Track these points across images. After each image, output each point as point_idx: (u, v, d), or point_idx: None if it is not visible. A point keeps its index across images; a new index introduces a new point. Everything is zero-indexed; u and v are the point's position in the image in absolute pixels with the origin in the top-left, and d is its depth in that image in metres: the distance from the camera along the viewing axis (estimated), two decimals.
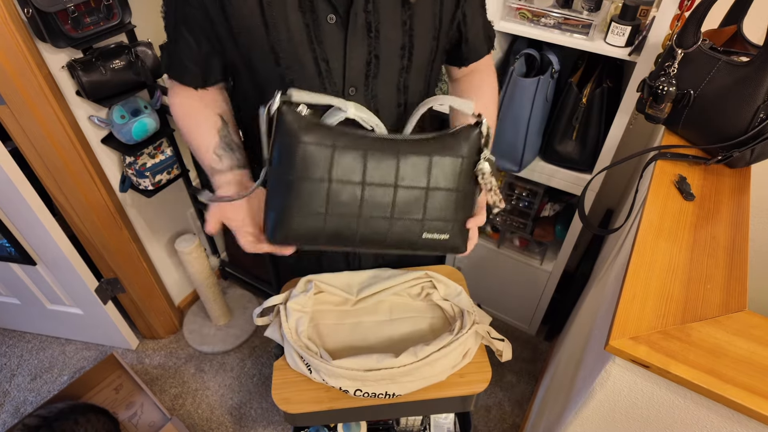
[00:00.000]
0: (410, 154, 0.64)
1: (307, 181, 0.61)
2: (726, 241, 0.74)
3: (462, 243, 0.70)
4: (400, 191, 0.64)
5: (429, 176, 0.64)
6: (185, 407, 1.77)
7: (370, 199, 0.63)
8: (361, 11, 0.68)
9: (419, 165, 0.64)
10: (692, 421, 0.66)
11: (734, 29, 0.95)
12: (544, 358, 1.89)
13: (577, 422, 0.80)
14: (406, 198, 0.64)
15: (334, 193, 0.62)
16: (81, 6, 1.15)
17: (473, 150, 0.66)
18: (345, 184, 0.62)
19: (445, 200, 0.66)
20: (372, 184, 0.63)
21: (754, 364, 0.59)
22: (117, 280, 1.73)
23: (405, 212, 0.65)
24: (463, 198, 0.67)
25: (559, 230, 1.63)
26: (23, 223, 1.49)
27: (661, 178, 0.86)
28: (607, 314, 0.77)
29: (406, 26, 0.71)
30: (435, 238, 0.67)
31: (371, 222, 0.64)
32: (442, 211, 0.66)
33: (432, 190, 0.65)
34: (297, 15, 0.67)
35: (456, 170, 0.65)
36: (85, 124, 1.38)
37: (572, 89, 1.29)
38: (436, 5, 0.73)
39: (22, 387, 1.84)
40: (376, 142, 0.63)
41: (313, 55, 0.70)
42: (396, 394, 0.80)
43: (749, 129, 0.82)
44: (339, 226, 0.64)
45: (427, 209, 0.65)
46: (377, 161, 0.63)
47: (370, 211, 0.63)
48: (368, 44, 0.70)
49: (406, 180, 0.64)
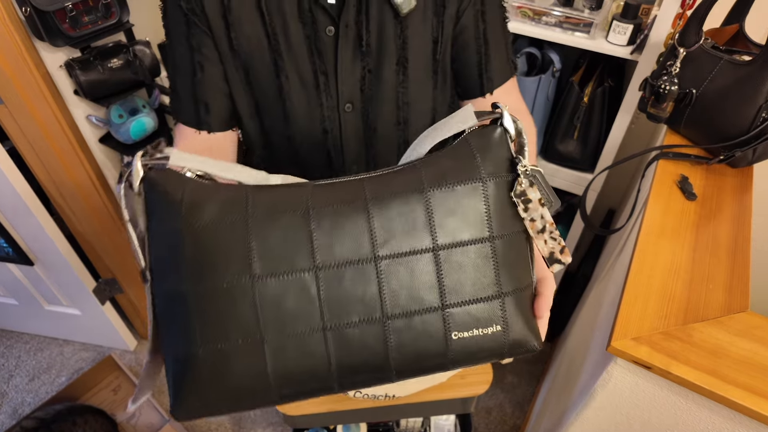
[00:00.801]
0: (388, 198, 0.37)
1: (211, 291, 0.35)
2: (728, 241, 0.73)
3: (530, 330, 0.40)
4: (387, 266, 0.36)
5: (432, 227, 0.37)
6: None
7: (336, 293, 0.36)
8: (352, 24, 0.66)
9: (410, 212, 0.37)
10: (694, 422, 0.66)
11: (736, 28, 0.95)
12: (546, 359, 1.88)
13: (579, 423, 0.80)
14: (401, 276, 0.37)
15: (267, 298, 0.35)
16: (79, 5, 1.15)
17: (501, 163, 0.39)
18: (283, 276, 0.35)
19: (474, 263, 0.37)
20: (332, 266, 0.36)
21: (755, 365, 0.58)
22: (115, 280, 1.72)
23: (407, 303, 0.37)
24: (507, 250, 0.38)
25: (561, 230, 1.62)
26: (21, 223, 1.48)
27: (663, 178, 0.85)
28: (609, 315, 0.76)
29: (399, 39, 0.68)
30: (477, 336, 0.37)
31: (350, 334, 0.36)
32: (474, 285, 0.37)
33: (445, 249, 0.37)
34: (297, 26, 0.66)
35: (479, 205, 0.38)
36: (83, 124, 1.37)
37: (573, 88, 1.29)
38: (435, 17, 0.69)
39: (20, 388, 1.83)
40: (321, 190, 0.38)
41: (312, 67, 0.68)
42: (395, 396, 0.80)
43: (751, 128, 0.81)
44: (294, 358, 0.36)
45: (445, 287, 0.37)
46: (332, 223, 0.36)
47: (343, 315, 0.36)
48: (361, 58, 0.68)
49: (393, 244, 0.37)
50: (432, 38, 0.70)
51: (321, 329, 0.36)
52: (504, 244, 0.38)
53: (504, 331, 0.38)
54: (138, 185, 0.36)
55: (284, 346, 0.35)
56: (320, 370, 0.36)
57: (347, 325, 0.36)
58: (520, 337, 0.39)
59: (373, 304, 0.36)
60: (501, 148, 0.40)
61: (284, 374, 0.36)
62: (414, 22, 0.68)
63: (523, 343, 0.39)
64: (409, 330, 0.36)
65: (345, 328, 0.36)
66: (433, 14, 0.68)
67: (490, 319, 0.37)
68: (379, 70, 0.69)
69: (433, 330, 0.37)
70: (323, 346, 0.36)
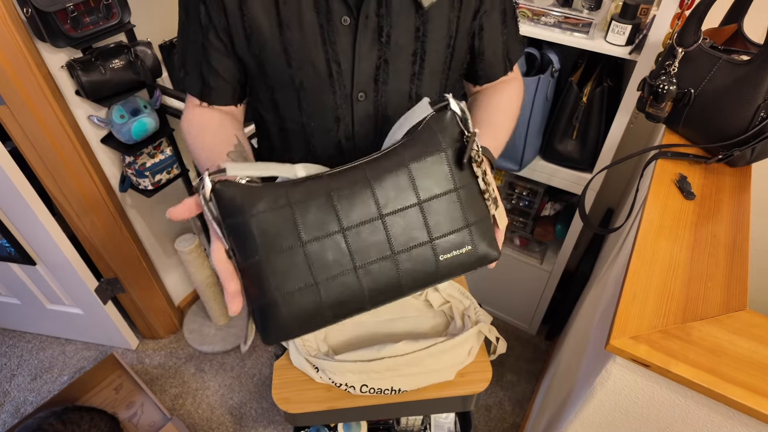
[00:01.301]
0: (382, 174, 0.53)
1: (276, 256, 0.50)
2: (727, 240, 0.74)
3: (490, 247, 0.56)
4: (390, 220, 0.52)
5: (416, 189, 0.53)
6: (185, 407, 1.77)
7: (359, 244, 0.52)
8: (372, 15, 0.67)
9: (398, 181, 0.53)
10: (693, 420, 0.66)
11: (735, 28, 0.95)
12: (545, 357, 1.89)
13: (578, 421, 0.80)
14: (400, 225, 0.53)
15: (314, 255, 0.51)
16: (80, 5, 1.15)
17: (454, 136, 0.55)
18: (322, 239, 0.51)
19: (446, 207, 0.54)
20: (353, 226, 0.52)
21: (754, 363, 0.59)
22: (117, 279, 1.73)
23: (407, 241, 0.53)
24: (467, 195, 0.55)
25: (560, 229, 1.63)
26: (23, 223, 1.49)
27: (661, 177, 0.85)
28: (608, 313, 0.77)
29: (419, 32, 0.69)
30: (456, 254, 0.54)
31: (373, 269, 0.52)
32: (449, 222, 0.54)
33: (426, 202, 0.53)
34: (312, 15, 0.66)
35: (444, 168, 0.54)
36: (85, 124, 1.37)
37: (572, 88, 1.29)
38: (453, 11, 0.70)
39: (22, 387, 1.84)
40: (336, 178, 0.53)
41: (325, 56, 0.69)
42: (402, 390, 0.80)
43: (750, 128, 0.82)
44: (339, 291, 0.52)
45: (430, 227, 0.53)
46: (348, 199, 0.52)
47: (366, 257, 0.52)
48: (378, 49, 0.69)
49: (391, 204, 0.52)
50: (449, 33, 0.72)
51: (353, 269, 0.52)
52: (464, 191, 0.55)
53: (473, 248, 0.55)
54: (209, 194, 0.51)
55: (330, 284, 0.51)
56: (357, 295, 0.52)
57: (370, 263, 0.52)
58: (484, 251, 0.55)
59: (384, 246, 0.52)
60: (451, 125, 0.55)
61: (334, 302, 0.52)
62: (434, 16, 0.69)
63: (487, 255, 0.56)
64: (410, 259, 0.53)
65: (369, 265, 0.52)
66: (451, 9, 0.70)
67: (463, 242, 0.54)
68: (396, 61, 0.71)
69: (427, 256, 0.54)
70: (357, 280, 0.52)
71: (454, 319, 0.88)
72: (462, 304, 0.90)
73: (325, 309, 0.52)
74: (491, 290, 1.91)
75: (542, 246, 1.74)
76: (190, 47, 0.73)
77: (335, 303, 0.52)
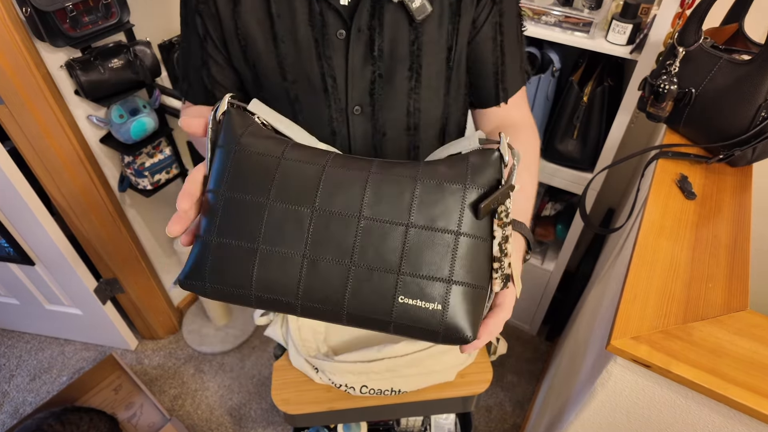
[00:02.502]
0: (386, 177, 0.45)
1: (236, 198, 0.45)
2: (727, 240, 0.73)
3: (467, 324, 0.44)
4: (366, 225, 0.44)
5: (412, 209, 0.44)
6: (185, 408, 1.77)
7: (321, 234, 0.44)
8: (365, 28, 0.65)
9: (398, 192, 0.45)
10: (694, 420, 0.66)
11: (736, 27, 0.95)
12: (545, 358, 1.88)
13: (579, 422, 0.80)
14: (374, 237, 0.44)
15: (271, 218, 0.44)
16: (79, 5, 1.15)
17: (489, 180, 0.45)
18: (288, 207, 0.44)
19: (435, 247, 0.44)
20: (326, 212, 0.44)
21: (755, 364, 0.59)
22: (116, 280, 1.73)
23: (372, 259, 0.44)
24: (469, 249, 0.44)
25: (560, 229, 1.63)
26: (22, 223, 1.48)
27: (662, 177, 0.85)
28: (609, 314, 0.76)
29: (413, 45, 0.67)
30: (418, 305, 0.43)
31: (321, 268, 0.44)
32: (430, 264, 0.43)
33: (415, 228, 0.44)
34: (306, 29, 0.65)
35: (456, 204, 0.44)
36: (84, 124, 1.37)
37: (573, 88, 1.29)
38: (450, 24, 0.68)
39: (21, 387, 1.83)
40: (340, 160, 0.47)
41: (320, 70, 0.68)
42: (401, 390, 0.80)
43: (751, 127, 0.82)
44: (274, 270, 0.44)
45: (405, 257, 0.43)
46: (336, 183, 0.45)
47: (321, 251, 0.44)
48: (372, 63, 0.68)
49: (376, 210, 0.44)
50: (446, 46, 0.69)
51: (301, 255, 0.44)
52: (467, 242, 0.44)
53: (443, 311, 0.43)
54: (220, 114, 0.48)
55: (270, 258, 0.44)
56: (289, 287, 0.45)
57: (321, 258, 0.44)
58: (455, 323, 0.44)
59: (345, 251, 0.44)
60: (492, 168, 0.46)
61: (263, 281, 0.45)
62: (429, 29, 0.67)
63: (458, 331, 0.44)
64: (367, 281, 0.44)
65: (318, 261, 0.44)
66: (448, 21, 0.68)
67: (434, 296, 0.43)
68: (391, 75, 0.69)
69: (385, 287, 0.44)
70: (298, 269, 0.44)
71: None
72: None
73: (251, 282, 0.45)
74: None
75: (543, 246, 1.74)
76: (192, 59, 0.73)
77: (264, 282, 0.45)
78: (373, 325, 0.46)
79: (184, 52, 0.74)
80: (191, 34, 0.71)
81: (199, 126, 0.50)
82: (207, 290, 0.46)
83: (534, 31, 1.23)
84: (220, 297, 0.47)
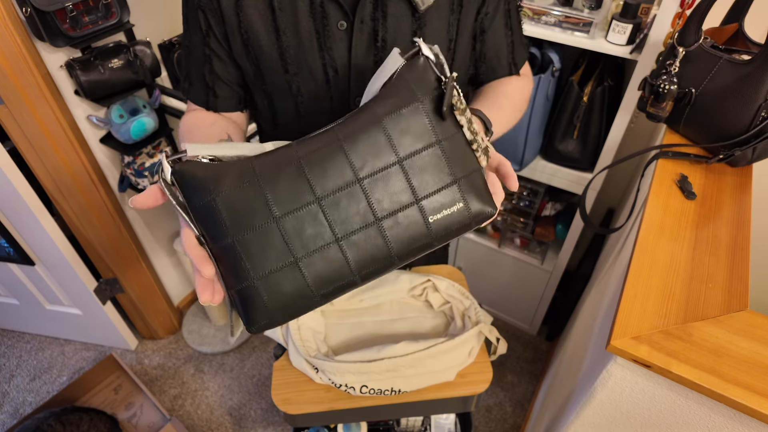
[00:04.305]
0: (355, 134, 0.48)
1: (249, 236, 0.46)
2: (728, 240, 0.73)
3: (483, 202, 0.50)
4: (369, 183, 0.47)
5: (393, 146, 0.48)
6: (185, 408, 1.77)
7: (338, 214, 0.47)
8: (368, 19, 0.66)
9: (374, 139, 0.48)
10: (694, 421, 0.66)
11: (736, 27, 0.95)
12: (545, 358, 1.88)
13: (579, 422, 0.80)
14: (381, 188, 0.47)
15: (290, 230, 0.46)
16: (79, 5, 1.15)
17: (430, 84, 0.49)
18: (297, 212, 0.46)
19: (430, 163, 0.48)
20: (329, 194, 0.47)
21: (755, 364, 0.59)
22: (116, 280, 1.73)
23: (391, 205, 0.48)
24: (452, 147, 0.49)
25: (560, 229, 1.63)
26: (22, 223, 1.48)
27: (662, 177, 0.85)
28: (609, 314, 0.76)
29: (416, 36, 0.68)
30: (447, 214, 0.48)
31: (357, 239, 0.47)
32: (435, 179, 0.48)
33: (406, 159, 0.48)
34: (308, 21, 0.66)
35: (422, 120, 0.48)
36: (84, 124, 1.37)
37: (573, 88, 1.29)
38: (453, 14, 0.69)
39: (21, 387, 1.83)
40: (306, 144, 0.49)
41: (322, 62, 0.68)
42: (402, 391, 0.80)
43: (751, 127, 0.82)
44: (322, 267, 0.47)
45: (414, 186, 0.48)
46: (320, 165, 0.47)
47: (347, 227, 0.47)
48: (374, 53, 0.68)
49: (368, 166, 0.47)
50: (448, 37, 0.70)
51: (335, 241, 0.47)
52: (449, 143, 0.49)
53: (465, 206, 0.49)
54: (170, 177, 0.47)
55: (312, 260, 0.47)
56: (343, 270, 0.47)
57: (353, 232, 0.47)
58: (478, 208, 0.49)
59: (366, 213, 0.47)
60: (427, 72, 0.49)
61: (319, 280, 0.47)
62: (432, 20, 0.68)
63: (482, 212, 0.50)
64: (397, 225, 0.48)
65: (352, 235, 0.47)
66: (450, 12, 0.68)
67: (453, 200, 0.49)
68: None
69: (415, 219, 0.48)
70: (340, 253, 0.47)
71: (455, 320, 0.88)
72: (462, 305, 0.89)
73: (310, 288, 0.47)
74: (492, 290, 1.91)
75: (543, 246, 1.74)
76: (193, 56, 0.73)
77: (320, 281, 0.47)
78: (420, 251, 0.50)
79: (186, 51, 0.74)
80: (193, 32, 0.71)
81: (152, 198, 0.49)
82: (278, 320, 0.48)
83: (534, 31, 1.23)
84: (290, 318, 0.49)
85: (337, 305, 0.91)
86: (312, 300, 0.48)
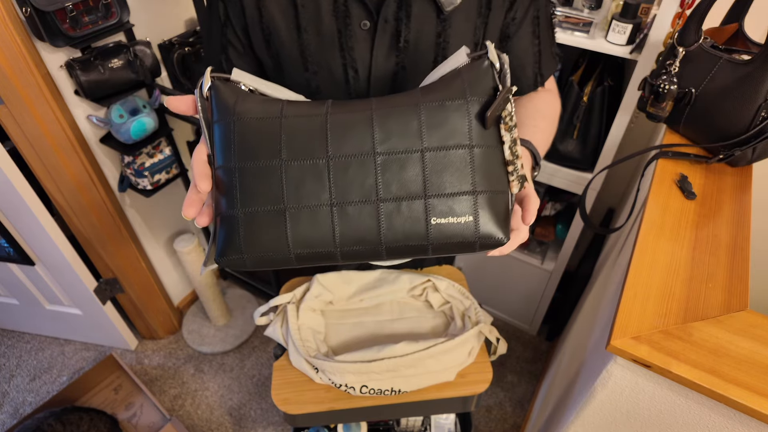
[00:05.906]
0: (390, 110, 0.46)
1: (250, 167, 0.45)
2: (727, 240, 0.73)
3: (497, 227, 0.46)
4: (384, 160, 0.45)
5: (422, 134, 0.45)
6: (185, 408, 1.77)
7: (342, 179, 0.45)
8: (391, 19, 0.64)
9: (405, 120, 0.45)
10: (694, 421, 0.66)
11: (736, 27, 0.95)
12: (545, 358, 1.88)
13: (579, 422, 0.80)
14: (394, 169, 0.45)
15: (290, 177, 0.45)
16: (79, 5, 1.15)
17: (486, 89, 0.46)
18: (304, 162, 0.45)
19: (454, 163, 0.45)
20: (341, 156, 0.45)
21: (755, 364, 0.59)
22: (116, 280, 1.73)
23: (397, 191, 0.45)
24: (484, 158, 0.45)
25: (560, 229, 1.63)
26: (22, 223, 1.48)
27: (662, 177, 0.85)
28: (609, 314, 0.76)
29: (440, 38, 0.66)
30: (451, 222, 0.45)
31: (350, 211, 0.45)
32: (453, 181, 0.45)
33: (431, 151, 0.45)
34: (330, 19, 0.65)
35: (463, 120, 0.45)
36: (84, 124, 1.37)
37: (573, 88, 1.29)
38: (480, 17, 0.66)
39: (21, 387, 1.83)
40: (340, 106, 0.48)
41: (342, 61, 0.67)
42: (402, 391, 0.80)
43: (751, 127, 0.82)
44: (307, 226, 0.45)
45: (428, 180, 0.44)
46: (343, 127, 0.45)
47: (346, 195, 0.45)
48: (396, 54, 0.67)
49: (389, 143, 0.45)
50: (474, 39, 0.68)
51: (329, 204, 0.45)
52: (481, 152, 0.45)
53: (474, 222, 0.45)
54: (207, 90, 0.47)
55: (300, 215, 0.45)
56: (326, 238, 0.45)
57: (349, 203, 0.45)
58: (488, 230, 0.45)
59: (370, 189, 0.45)
60: (486, 77, 0.47)
61: (299, 238, 0.45)
62: (457, 21, 0.66)
63: (491, 236, 0.46)
64: (397, 213, 0.45)
65: (347, 205, 0.45)
66: (477, 15, 0.66)
67: (464, 210, 0.45)
68: (414, 67, 0.68)
69: (416, 214, 0.45)
70: (329, 218, 0.45)
71: (455, 320, 0.88)
72: (462, 305, 0.89)
73: (288, 242, 0.45)
74: (492, 290, 1.91)
75: (543, 246, 1.74)
76: (212, 42, 0.73)
77: (300, 239, 0.45)
78: (412, 252, 0.47)
79: (207, 35, 0.74)
80: (213, 22, 0.71)
81: (185, 104, 0.49)
82: (246, 261, 0.46)
83: None
84: (259, 265, 0.47)
85: (337, 305, 0.91)
86: (285, 256, 0.46)
